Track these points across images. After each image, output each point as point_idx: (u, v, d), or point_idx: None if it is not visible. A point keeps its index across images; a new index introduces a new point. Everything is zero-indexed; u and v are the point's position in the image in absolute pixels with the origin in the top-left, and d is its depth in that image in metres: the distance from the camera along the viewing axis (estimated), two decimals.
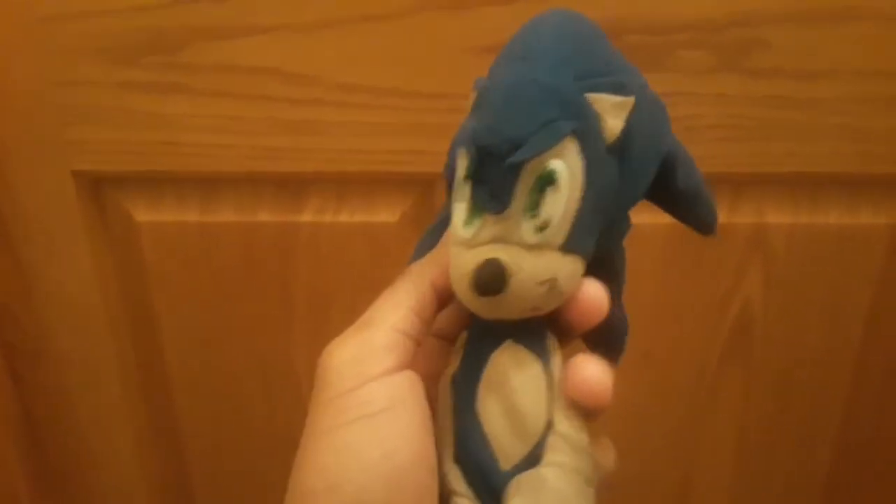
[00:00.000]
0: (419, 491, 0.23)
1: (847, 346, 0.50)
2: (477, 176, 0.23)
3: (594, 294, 0.25)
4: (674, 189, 0.26)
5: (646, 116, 0.24)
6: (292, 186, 0.46)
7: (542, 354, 0.25)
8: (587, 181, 0.23)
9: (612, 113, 0.23)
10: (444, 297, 0.26)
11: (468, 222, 0.24)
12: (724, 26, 0.40)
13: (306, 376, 0.52)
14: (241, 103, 0.43)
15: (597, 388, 0.24)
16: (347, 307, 0.49)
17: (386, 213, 0.47)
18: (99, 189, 0.47)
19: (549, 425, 0.25)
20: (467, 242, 0.24)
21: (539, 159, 0.23)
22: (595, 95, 0.23)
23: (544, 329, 0.26)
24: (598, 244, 0.25)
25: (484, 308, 0.24)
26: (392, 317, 0.25)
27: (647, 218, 0.24)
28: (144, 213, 0.47)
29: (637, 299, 0.28)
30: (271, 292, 0.49)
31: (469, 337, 0.27)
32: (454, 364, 0.26)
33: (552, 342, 0.26)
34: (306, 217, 0.47)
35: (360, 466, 0.23)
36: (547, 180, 0.23)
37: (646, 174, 0.25)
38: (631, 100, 0.23)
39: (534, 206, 0.23)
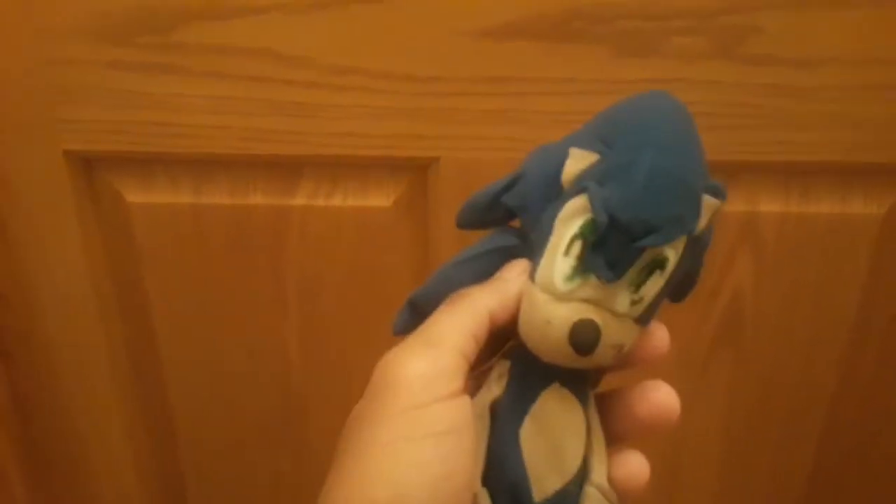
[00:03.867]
0: None
1: (837, 333, 0.50)
2: (598, 242, 0.24)
3: (663, 335, 0.27)
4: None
5: None
6: (285, 169, 0.46)
7: (583, 401, 0.27)
8: (677, 268, 0.25)
9: (706, 214, 0.25)
10: (496, 329, 0.27)
11: (570, 278, 0.25)
12: (718, 13, 0.40)
13: (297, 358, 0.52)
14: (235, 84, 0.43)
15: (673, 407, 0.28)
16: (338, 290, 0.49)
17: (379, 198, 0.47)
18: (90, 169, 0.47)
19: (586, 471, 0.27)
20: (560, 295, 0.25)
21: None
22: (707, 198, 0.25)
23: (587, 377, 0.28)
24: None
25: (558, 359, 0.26)
26: (458, 339, 0.26)
27: None
28: (136, 194, 0.47)
29: None
30: (263, 275, 0.49)
31: (513, 369, 0.28)
32: (495, 391, 0.28)
33: (590, 391, 0.28)
34: (299, 200, 0.47)
35: (424, 483, 0.23)
36: (658, 265, 0.25)
37: (700, 260, 0.27)
38: (720, 203, 0.25)
39: (638, 284, 0.25)
